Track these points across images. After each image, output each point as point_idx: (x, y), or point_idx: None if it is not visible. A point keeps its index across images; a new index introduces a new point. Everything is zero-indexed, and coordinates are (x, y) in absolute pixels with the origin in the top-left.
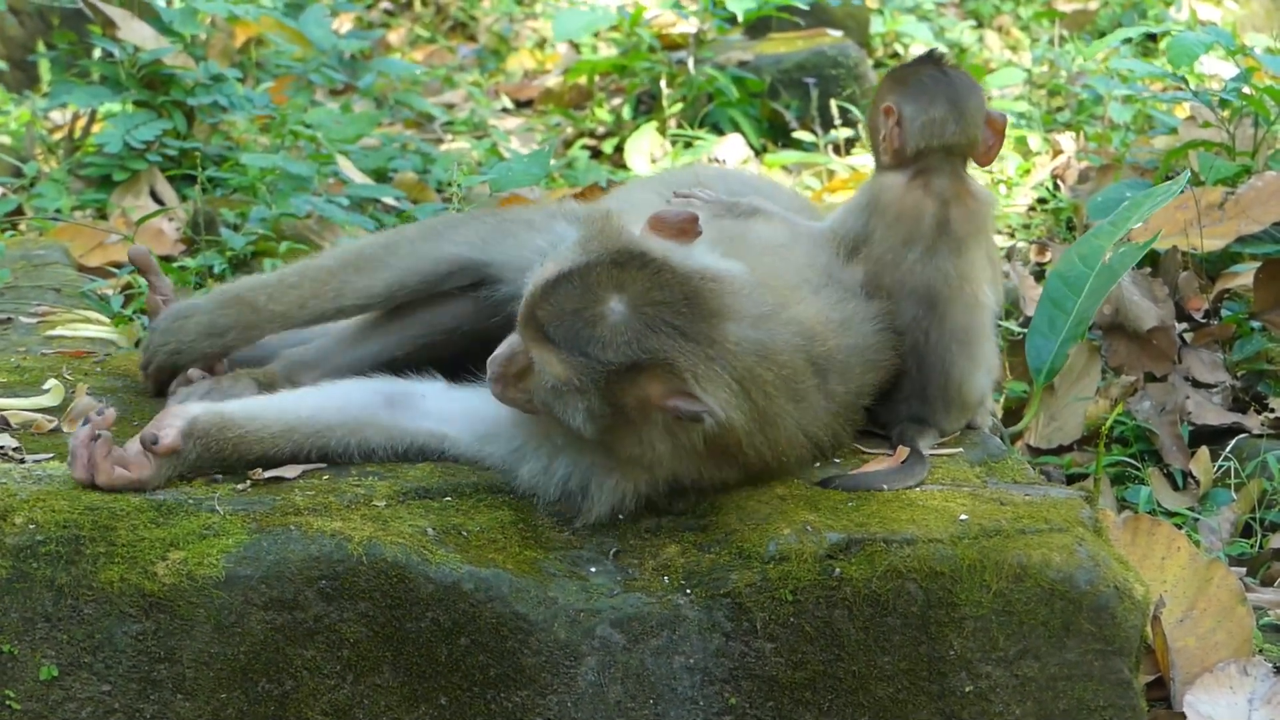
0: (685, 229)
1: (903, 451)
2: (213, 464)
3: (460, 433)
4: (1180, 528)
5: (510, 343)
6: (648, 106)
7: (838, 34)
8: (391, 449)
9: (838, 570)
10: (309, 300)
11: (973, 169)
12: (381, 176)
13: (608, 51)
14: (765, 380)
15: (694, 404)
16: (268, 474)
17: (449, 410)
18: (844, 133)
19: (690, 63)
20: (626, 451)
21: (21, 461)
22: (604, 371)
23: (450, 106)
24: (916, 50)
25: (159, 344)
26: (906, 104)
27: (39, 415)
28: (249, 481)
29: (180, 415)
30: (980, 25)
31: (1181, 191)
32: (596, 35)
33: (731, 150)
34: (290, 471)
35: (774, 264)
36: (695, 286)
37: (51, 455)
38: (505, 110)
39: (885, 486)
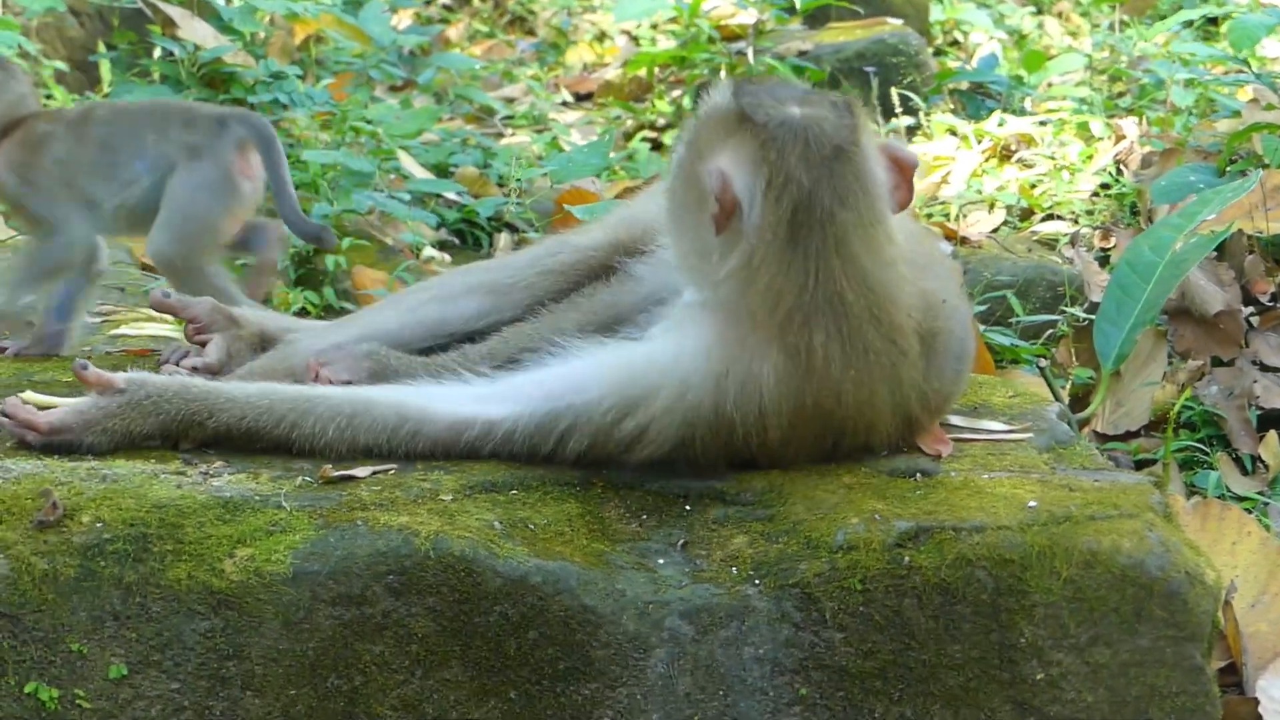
0: (903, 166)
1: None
2: (164, 423)
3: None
4: (1250, 512)
5: None
6: None
7: (897, 22)
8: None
9: (907, 559)
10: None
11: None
12: (443, 171)
13: (666, 43)
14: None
15: (730, 188)
16: (336, 472)
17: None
18: (905, 121)
19: (750, 53)
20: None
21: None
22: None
23: (510, 100)
24: (977, 37)
25: None
26: None
27: None
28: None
29: (126, 374)
30: (1040, 11)
31: (1251, 189)
32: (655, 27)
33: None
34: (361, 471)
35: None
36: (857, 165)
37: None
38: (565, 104)
39: None
